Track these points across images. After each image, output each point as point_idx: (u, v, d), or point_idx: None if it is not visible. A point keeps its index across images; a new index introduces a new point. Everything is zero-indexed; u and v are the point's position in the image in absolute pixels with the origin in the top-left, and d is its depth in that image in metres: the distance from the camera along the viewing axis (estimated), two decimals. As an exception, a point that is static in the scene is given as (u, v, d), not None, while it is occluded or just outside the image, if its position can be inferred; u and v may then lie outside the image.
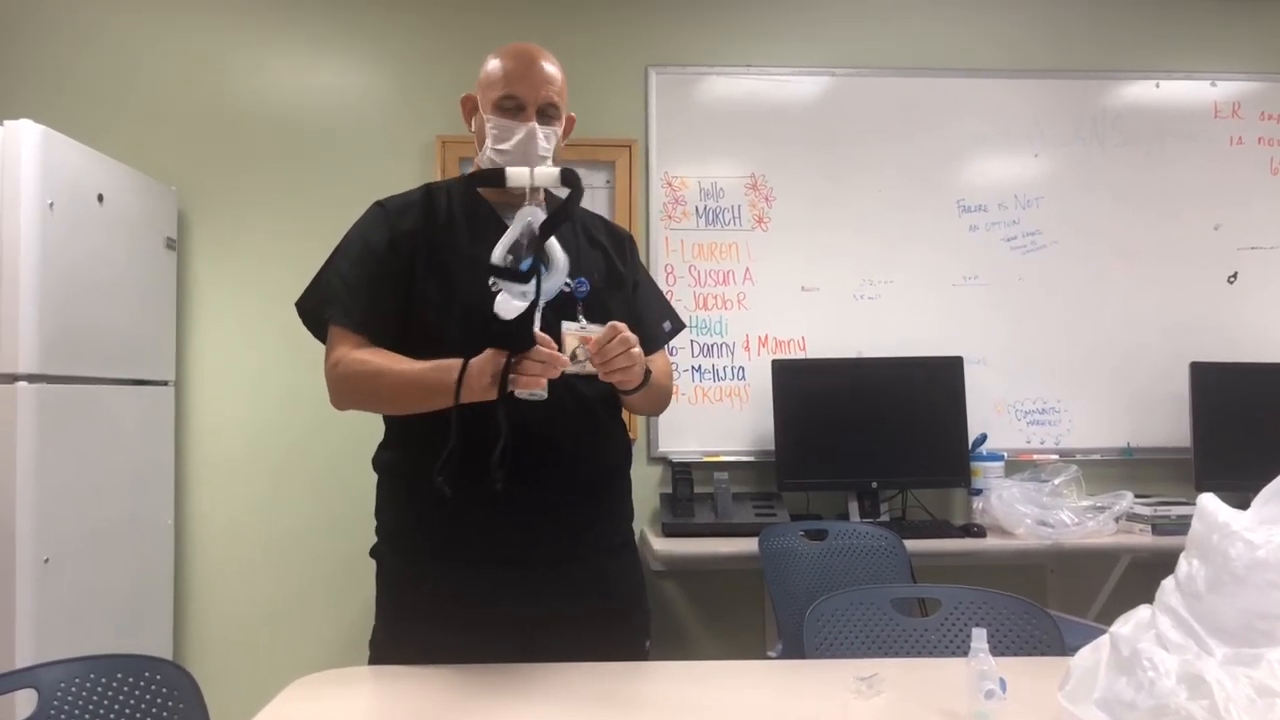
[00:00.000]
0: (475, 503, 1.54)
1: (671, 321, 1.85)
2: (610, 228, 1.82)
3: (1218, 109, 3.40)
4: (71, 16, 3.16)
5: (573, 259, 1.63)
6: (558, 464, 1.59)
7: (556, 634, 1.59)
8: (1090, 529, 2.76)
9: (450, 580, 1.58)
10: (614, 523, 1.75)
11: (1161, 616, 1.22)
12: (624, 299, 1.73)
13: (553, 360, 1.40)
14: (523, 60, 1.64)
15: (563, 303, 1.58)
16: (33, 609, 2.32)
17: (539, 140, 1.62)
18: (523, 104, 1.62)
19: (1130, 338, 3.32)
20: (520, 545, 1.58)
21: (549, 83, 1.64)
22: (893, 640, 1.75)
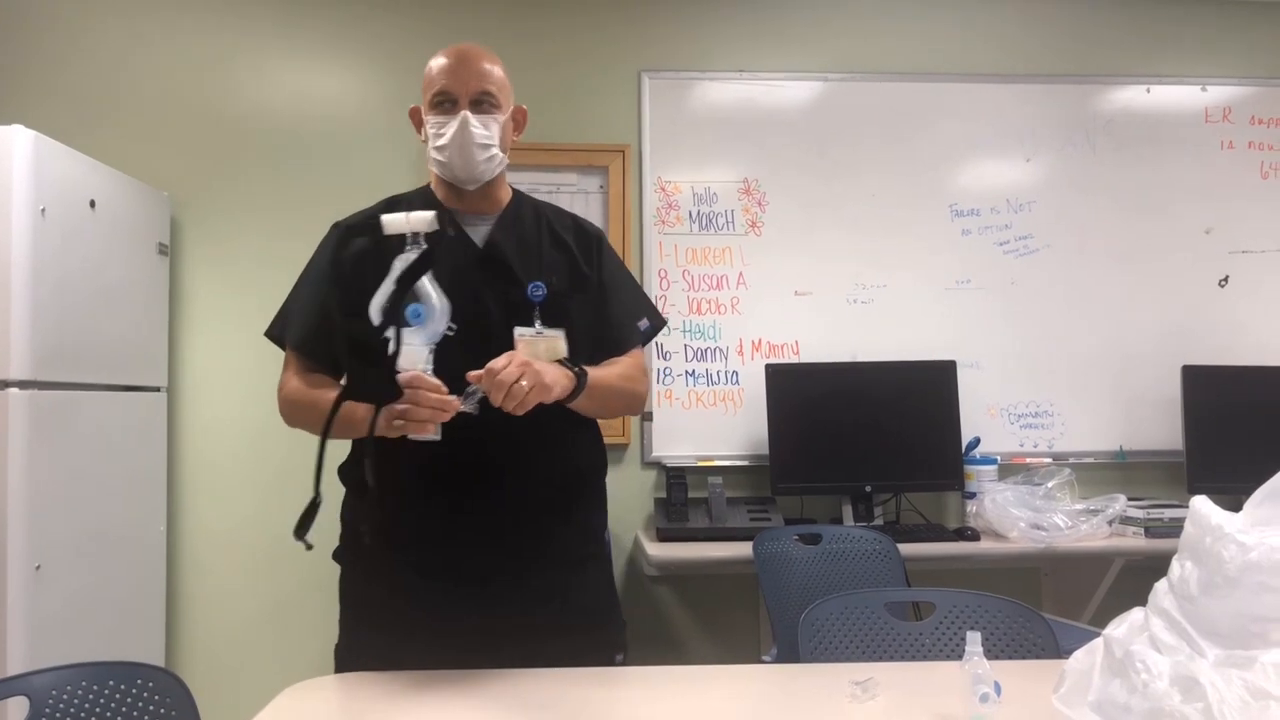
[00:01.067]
0: (432, 515, 1.55)
1: (650, 319, 1.80)
2: (579, 227, 1.78)
3: (1209, 113, 3.41)
4: (64, 22, 3.15)
5: (532, 261, 1.65)
6: (513, 477, 1.57)
7: (522, 646, 1.55)
8: (1084, 532, 2.77)
9: (407, 591, 1.57)
10: (577, 534, 1.70)
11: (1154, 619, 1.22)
12: (586, 301, 1.69)
13: (441, 405, 1.37)
14: (454, 56, 1.64)
15: (519, 308, 1.58)
16: (24, 616, 2.31)
17: (473, 128, 1.60)
18: (454, 97, 1.62)
19: (1122, 341, 3.33)
20: (476, 558, 1.57)
21: (481, 75, 1.63)
22: (887, 644, 1.75)
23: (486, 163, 1.64)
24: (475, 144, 1.61)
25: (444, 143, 1.61)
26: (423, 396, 1.36)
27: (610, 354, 1.70)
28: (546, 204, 1.81)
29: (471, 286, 1.59)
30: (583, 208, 3.20)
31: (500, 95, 1.65)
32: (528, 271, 1.64)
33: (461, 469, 1.53)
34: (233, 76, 3.20)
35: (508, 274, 1.63)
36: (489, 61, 1.66)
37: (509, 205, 1.73)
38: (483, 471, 1.55)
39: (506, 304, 1.61)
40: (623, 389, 1.68)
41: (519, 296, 1.61)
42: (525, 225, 1.71)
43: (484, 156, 1.63)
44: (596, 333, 1.69)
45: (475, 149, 1.61)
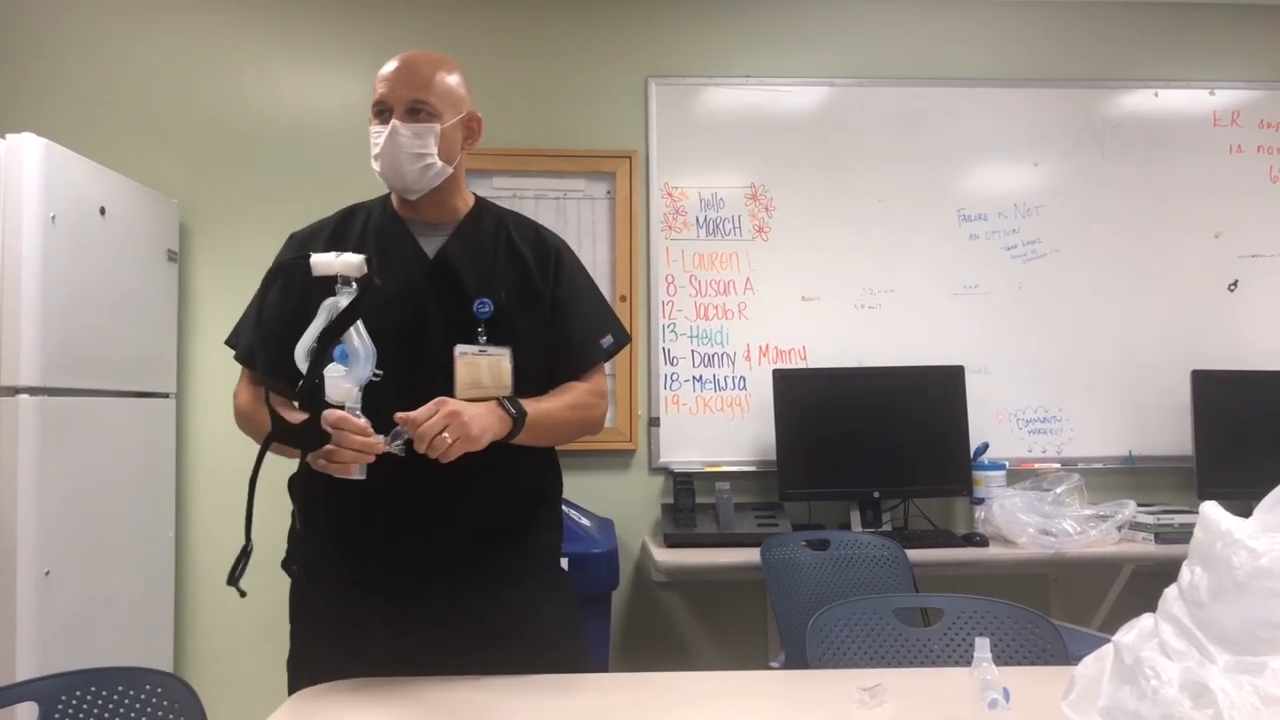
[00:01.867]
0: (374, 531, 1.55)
1: (615, 335, 1.72)
2: (539, 238, 1.70)
3: (1217, 117, 3.40)
4: (73, 31, 3.17)
5: (484, 275, 1.60)
6: (456, 496, 1.54)
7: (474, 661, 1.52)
8: (1093, 538, 2.76)
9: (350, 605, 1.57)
10: (523, 554, 1.63)
11: (1164, 625, 1.21)
12: (537, 317, 1.63)
13: (365, 447, 1.35)
14: (395, 64, 1.59)
15: (464, 324, 1.55)
16: (34, 622, 2.32)
17: (401, 138, 1.54)
18: (389, 106, 1.56)
19: (1131, 346, 3.32)
20: (417, 575, 1.55)
21: (418, 84, 1.56)
22: (895, 650, 1.74)
23: (421, 173, 1.57)
24: (404, 153, 1.55)
25: (376, 152, 1.57)
26: (346, 439, 1.35)
27: (569, 374, 1.65)
28: (511, 213, 1.74)
29: (417, 300, 1.56)
30: (590, 214, 3.21)
31: (440, 104, 1.57)
32: (478, 286, 1.58)
33: (403, 487, 1.49)
34: (241, 84, 3.22)
35: (456, 288, 1.58)
36: (434, 69, 1.59)
37: (468, 216, 1.67)
38: (424, 490, 1.51)
39: (451, 320, 1.56)
40: (572, 419, 1.63)
41: (465, 313, 1.56)
42: (482, 238, 1.65)
43: (416, 166, 1.56)
44: (554, 351, 1.64)
45: (405, 158, 1.55)
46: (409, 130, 1.55)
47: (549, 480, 1.71)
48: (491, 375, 1.54)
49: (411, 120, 1.56)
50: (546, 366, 1.63)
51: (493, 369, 1.55)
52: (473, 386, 1.52)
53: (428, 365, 1.51)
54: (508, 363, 1.56)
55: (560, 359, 1.65)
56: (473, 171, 3.18)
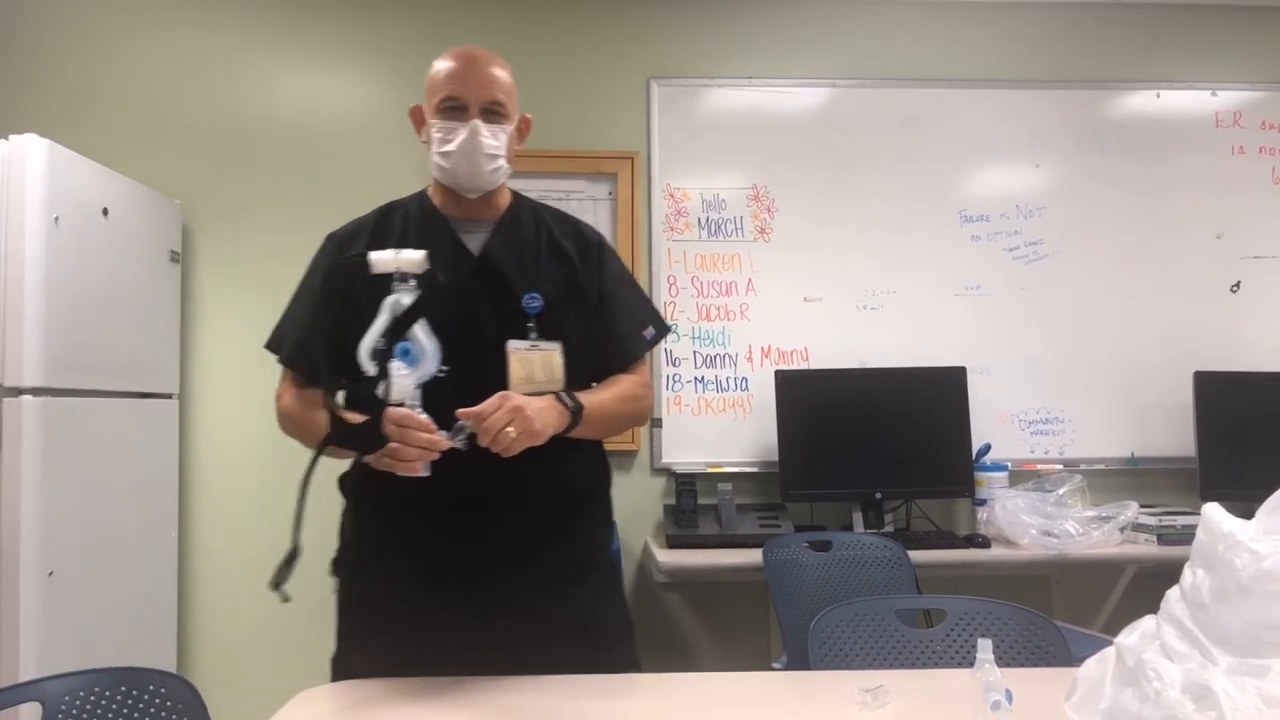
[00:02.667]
0: (429, 528, 1.54)
1: (655, 326, 1.75)
2: (580, 233, 1.72)
3: (1219, 118, 3.40)
4: (76, 32, 3.18)
5: (529, 270, 1.61)
6: (509, 492, 1.54)
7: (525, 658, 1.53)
8: (1095, 539, 2.76)
9: (405, 601, 1.56)
10: (577, 548, 1.65)
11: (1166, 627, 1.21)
12: (583, 312, 1.64)
13: (429, 444, 1.36)
14: (464, 60, 1.60)
15: (514, 319, 1.56)
16: (37, 622, 2.32)
17: (482, 138, 1.57)
18: (464, 104, 1.58)
19: (1133, 347, 3.32)
20: (472, 571, 1.55)
21: (491, 81, 1.59)
22: (898, 651, 1.74)
23: (492, 173, 1.61)
24: (484, 154, 1.58)
25: (451, 149, 1.58)
26: (411, 436, 1.35)
27: (615, 368, 1.67)
28: (547, 208, 1.76)
29: (465, 297, 1.57)
30: (591, 215, 3.21)
31: (509, 104, 1.62)
32: (524, 282, 1.60)
33: (458, 483, 1.49)
34: (243, 84, 3.22)
35: (503, 284, 1.60)
36: (498, 67, 1.62)
37: (507, 211, 1.69)
38: (479, 486, 1.53)
39: (501, 315, 1.57)
40: (623, 411, 1.65)
41: (514, 308, 1.57)
42: (524, 233, 1.67)
43: (491, 167, 1.60)
44: (600, 345, 1.66)
45: (483, 159, 1.58)
46: (488, 130, 1.58)
47: (598, 472, 1.73)
48: (544, 370, 1.56)
49: (488, 120, 1.58)
50: (593, 360, 1.65)
51: (545, 363, 1.56)
52: (526, 381, 1.53)
53: (480, 361, 1.51)
54: (559, 357, 1.57)
55: (607, 353, 1.67)
56: (475, 172, 3.19)
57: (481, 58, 1.62)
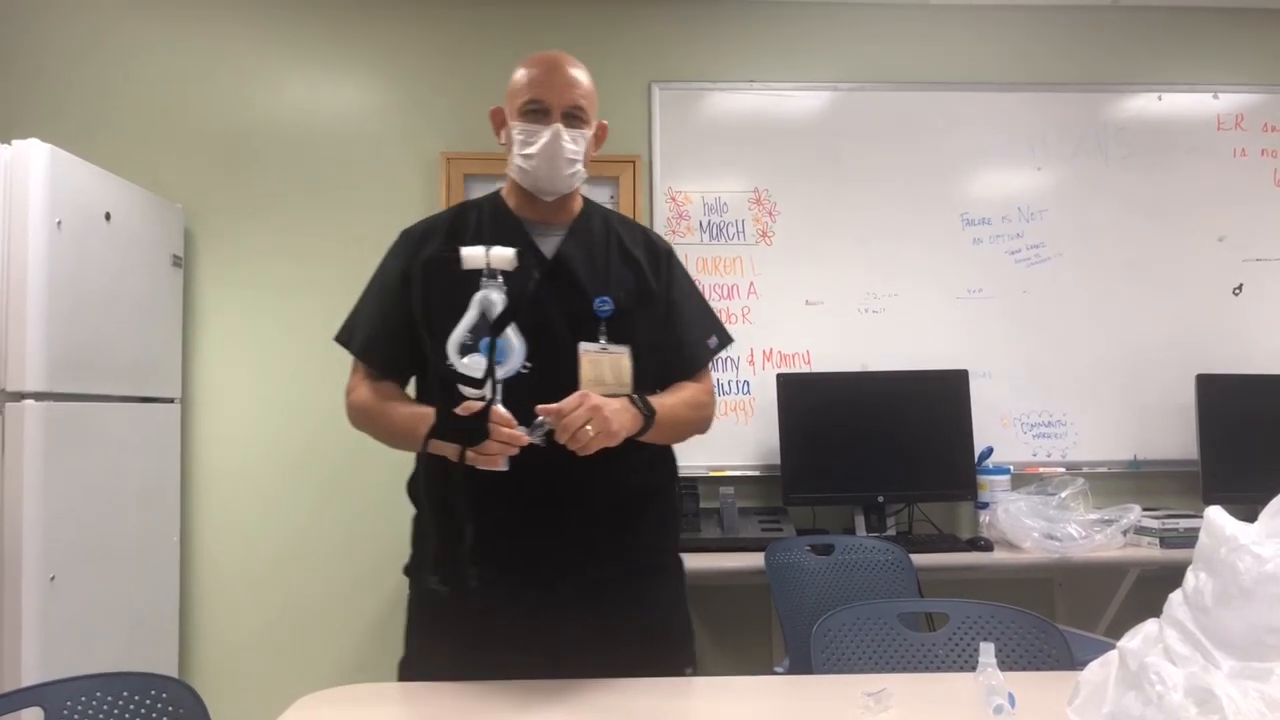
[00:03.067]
0: (499, 529, 1.56)
1: (718, 336, 1.78)
2: (649, 241, 1.76)
3: (1221, 121, 3.40)
4: (78, 37, 3.18)
5: (599, 275, 1.64)
6: (578, 491, 1.57)
7: (590, 657, 1.55)
8: (1098, 542, 2.75)
9: (476, 601, 1.57)
10: (645, 546, 1.68)
11: (1169, 630, 1.21)
12: (652, 317, 1.67)
13: (511, 440, 1.38)
14: (546, 65, 1.63)
15: (585, 322, 1.58)
16: (39, 626, 2.32)
17: (564, 142, 1.60)
18: (547, 108, 1.60)
19: (1136, 350, 3.31)
20: (542, 571, 1.57)
21: (573, 86, 1.62)
22: (900, 655, 1.74)
23: (570, 176, 1.64)
24: (564, 158, 1.60)
25: (533, 152, 1.60)
26: (495, 431, 1.37)
27: (681, 375, 1.70)
28: (616, 215, 1.80)
29: (539, 299, 1.58)
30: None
31: (589, 109, 1.65)
32: (595, 285, 1.62)
33: (529, 484, 1.52)
34: (244, 89, 3.23)
35: (575, 288, 1.62)
36: (580, 73, 1.65)
37: (579, 216, 1.71)
38: (548, 486, 1.54)
39: (572, 318, 1.60)
40: (690, 418, 1.68)
41: (585, 311, 1.60)
42: (594, 237, 1.70)
43: (569, 171, 1.62)
44: (667, 352, 1.69)
45: (563, 163, 1.61)
46: (568, 135, 1.60)
47: (666, 472, 1.76)
48: (613, 373, 1.58)
49: (570, 125, 1.61)
50: (659, 366, 1.67)
51: (614, 366, 1.58)
52: (596, 383, 1.55)
53: (551, 363, 1.53)
54: (628, 360, 1.60)
55: (673, 360, 1.70)
56: (477, 176, 3.19)
57: (564, 63, 1.64)
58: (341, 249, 3.18)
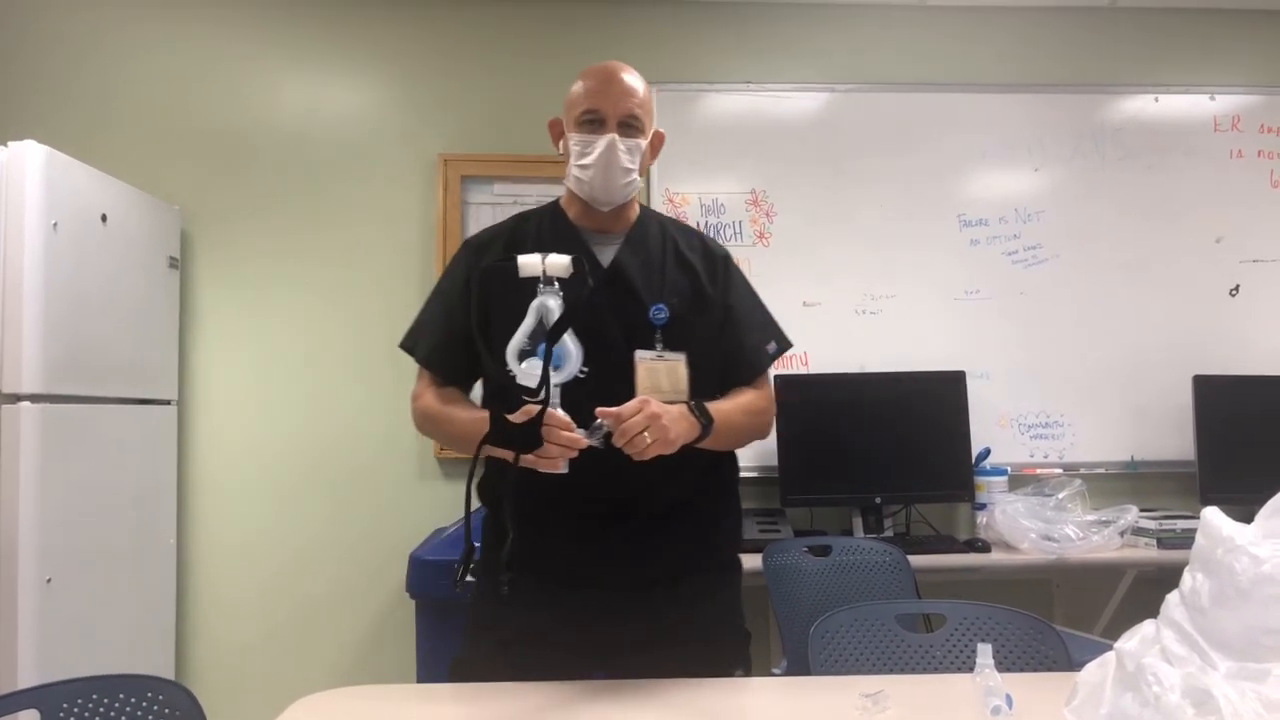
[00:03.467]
0: (560, 530, 1.58)
1: (777, 341, 1.78)
2: (706, 247, 1.76)
3: (1217, 122, 3.41)
4: (74, 38, 3.18)
5: (656, 282, 1.66)
6: (638, 493, 1.58)
7: (644, 656, 1.56)
8: (1095, 543, 2.75)
9: (535, 601, 1.59)
10: (703, 548, 1.69)
11: (1166, 630, 1.21)
12: (710, 323, 1.68)
13: (569, 443, 1.39)
14: (602, 76, 1.64)
15: (641, 330, 1.60)
16: (35, 629, 2.32)
17: (619, 153, 1.61)
18: (603, 118, 1.62)
19: (1133, 351, 3.31)
20: (601, 572, 1.59)
21: (629, 95, 1.63)
22: (898, 656, 1.74)
23: (625, 187, 1.65)
24: (619, 167, 1.62)
25: (588, 162, 1.62)
26: (554, 434, 1.38)
27: (740, 380, 1.70)
28: (673, 221, 1.81)
29: (595, 308, 1.59)
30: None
31: (645, 119, 1.65)
32: (651, 293, 1.64)
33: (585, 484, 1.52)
34: (242, 90, 3.22)
35: (631, 295, 1.64)
36: (636, 82, 1.65)
37: (636, 224, 1.73)
38: (606, 487, 1.55)
39: (629, 326, 1.61)
40: (749, 425, 1.69)
41: (641, 319, 1.61)
42: (651, 245, 1.71)
43: (624, 180, 1.64)
44: (725, 359, 1.69)
45: (618, 172, 1.62)
46: (624, 145, 1.62)
47: (727, 474, 1.77)
48: (670, 380, 1.59)
49: (625, 135, 1.62)
50: (717, 372, 1.67)
51: (670, 374, 1.60)
52: (652, 390, 1.56)
53: (608, 370, 1.54)
54: (684, 368, 1.61)
55: (732, 365, 1.70)
56: (474, 178, 3.19)
57: (620, 72, 1.65)
58: (339, 251, 3.18)
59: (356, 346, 3.17)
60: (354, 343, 3.17)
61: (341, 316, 3.18)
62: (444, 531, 2.79)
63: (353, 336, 3.17)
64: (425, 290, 3.15)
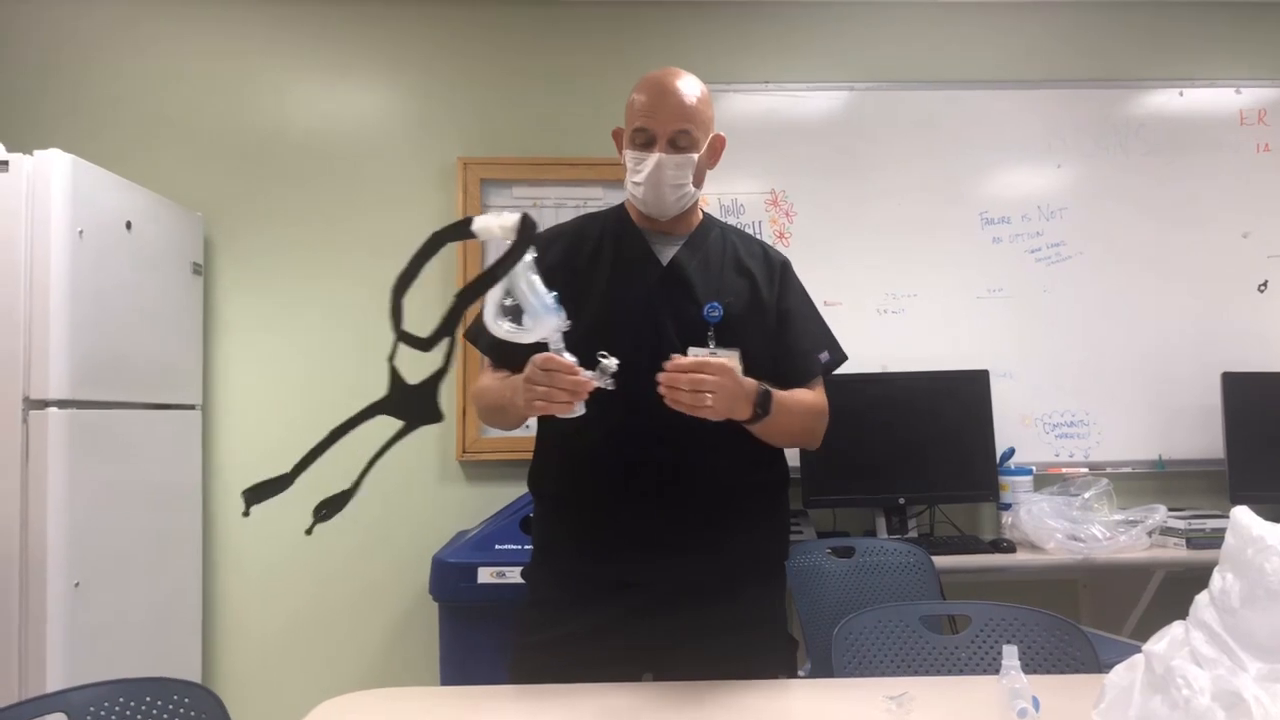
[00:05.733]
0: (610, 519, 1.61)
1: (831, 352, 1.81)
2: (765, 253, 1.80)
3: (1243, 116, 3.36)
4: (97, 47, 3.21)
5: (713, 283, 1.69)
6: (687, 480, 1.61)
7: (685, 659, 1.57)
8: (1123, 544, 2.72)
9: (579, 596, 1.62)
10: (748, 547, 1.69)
11: (1195, 632, 1.19)
12: (764, 326, 1.71)
13: (575, 385, 1.40)
14: (654, 92, 1.66)
15: (695, 328, 1.62)
16: (63, 632, 2.34)
17: (667, 171, 1.64)
18: (653, 136, 1.64)
19: (1159, 348, 3.27)
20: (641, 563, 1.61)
21: (680, 111, 1.64)
22: (923, 658, 1.73)
23: (677, 201, 1.68)
24: (668, 185, 1.65)
25: (639, 180, 1.66)
26: (557, 378, 1.40)
27: (792, 384, 1.70)
28: (735, 229, 1.84)
29: (652, 304, 1.66)
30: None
31: (698, 131, 1.66)
32: (707, 292, 1.67)
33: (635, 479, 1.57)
34: (263, 97, 3.25)
35: (687, 293, 1.67)
36: (690, 93, 1.66)
37: (698, 228, 1.77)
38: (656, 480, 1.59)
39: (682, 323, 1.64)
40: (801, 427, 1.71)
41: (695, 317, 1.64)
42: (710, 248, 1.75)
43: (675, 196, 1.67)
44: (777, 362, 1.70)
45: (668, 189, 1.65)
46: (672, 162, 1.64)
47: (779, 472, 1.77)
48: None
49: (674, 151, 1.65)
50: (769, 374, 1.66)
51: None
52: None
53: (661, 364, 1.53)
54: (737, 364, 1.61)
55: (784, 369, 1.71)
56: (494, 181, 3.20)
57: (672, 86, 1.66)
58: (361, 254, 3.19)
59: (379, 351, 3.16)
60: (376, 347, 3.17)
61: (364, 321, 3.19)
62: (466, 534, 2.80)
63: (375, 340, 3.18)
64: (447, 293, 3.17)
